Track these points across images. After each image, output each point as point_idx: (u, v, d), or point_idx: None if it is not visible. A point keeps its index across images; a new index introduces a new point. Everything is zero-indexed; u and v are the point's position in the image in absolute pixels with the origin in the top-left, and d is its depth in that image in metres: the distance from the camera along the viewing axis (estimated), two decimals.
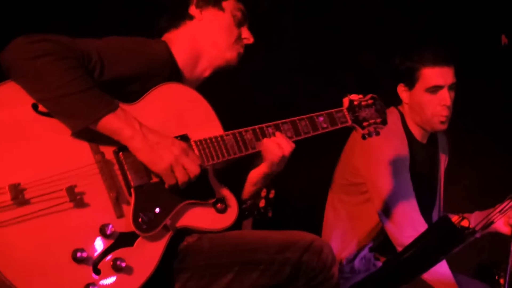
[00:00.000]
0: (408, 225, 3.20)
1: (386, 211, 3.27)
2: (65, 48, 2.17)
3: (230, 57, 2.60)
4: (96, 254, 2.15)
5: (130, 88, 2.33)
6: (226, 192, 2.43)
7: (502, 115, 4.20)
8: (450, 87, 3.34)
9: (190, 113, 2.42)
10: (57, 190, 2.13)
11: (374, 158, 3.32)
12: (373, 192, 3.33)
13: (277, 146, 2.44)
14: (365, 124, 2.71)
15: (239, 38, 2.61)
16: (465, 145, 4.12)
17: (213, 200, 2.38)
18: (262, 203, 2.57)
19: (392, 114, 3.42)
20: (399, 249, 3.22)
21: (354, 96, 2.71)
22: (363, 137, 2.73)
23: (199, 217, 2.36)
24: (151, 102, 2.35)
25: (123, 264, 2.16)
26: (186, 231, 2.38)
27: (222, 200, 2.39)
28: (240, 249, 2.39)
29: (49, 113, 2.18)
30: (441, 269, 3.12)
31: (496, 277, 3.46)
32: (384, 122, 2.76)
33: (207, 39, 2.57)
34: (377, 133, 2.74)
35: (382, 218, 3.30)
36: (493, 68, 4.10)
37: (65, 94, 2.13)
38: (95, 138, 2.22)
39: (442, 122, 3.37)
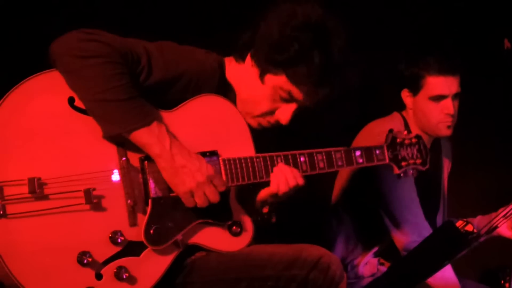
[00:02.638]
0: (413, 230, 3.19)
1: (391, 216, 3.27)
2: (116, 52, 2.14)
3: (249, 122, 2.43)
4: (101, 259, 2.14)
5: (173, 94, 2.30)
6: (243, 216, 2.38)
7: (506, 120, 4.19)
8: (454, 97, 3.33)
9: (226, 129, 2.36)
10: (75, 190, 2.12)
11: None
12: (377, 196, 3.34)
13: (275, 177, 2.37)
14: (403, 164, 2.61)
15: (267, 113, 2.41)
16: (469, 150, 4.11)
17: (229, 222, 2.34)
18: (265, 209, 2.55)
19: (395, 119, 3.43)
20: (404, 253, 3.23)
21: (398, 134, 2.61)
22: (398, 177, 2.62)
23: (212, 237, 2.33)
24: (189, 111, 2.31)
25: (126, 274, 2.15)
26: (196, 248, 2.35)
27: (238, 223, 2.35)
28: (247, 265, 2.35)
29: (84, 110, 2.16)
30: (447, 274, 3.12)
31: (502, 282, 3.46)
32: (425, 164, 2.65)
33: (242, 90, 2.45)
34: (414, 174, 2.64)
35: (386, 223, 3.30)
36: (497, 73, 4.10)
37: (106, 99, 2.11)
38: (124, 143, 2.19)
39: (448, 127, 3.36)
